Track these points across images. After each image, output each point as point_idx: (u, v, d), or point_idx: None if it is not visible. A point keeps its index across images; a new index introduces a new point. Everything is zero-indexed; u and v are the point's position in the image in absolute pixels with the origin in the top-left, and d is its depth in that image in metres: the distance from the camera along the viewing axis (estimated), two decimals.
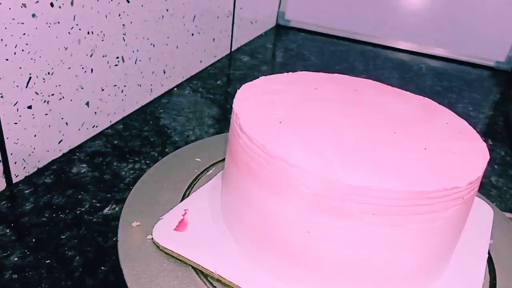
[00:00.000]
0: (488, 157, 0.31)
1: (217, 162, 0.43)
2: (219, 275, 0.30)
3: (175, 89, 0.76)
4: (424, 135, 0.32)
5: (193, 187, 0.39)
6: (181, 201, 0.37)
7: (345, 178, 0.26)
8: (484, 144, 0.32)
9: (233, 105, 0.33)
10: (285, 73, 0.40)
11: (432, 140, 0.32)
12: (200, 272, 0.31)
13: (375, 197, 0.26)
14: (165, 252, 0.32)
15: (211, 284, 0.30)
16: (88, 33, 0.54)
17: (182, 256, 0.31)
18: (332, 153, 0.28)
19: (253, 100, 0.34)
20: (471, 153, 0.31)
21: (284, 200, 0.28)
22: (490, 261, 0.35)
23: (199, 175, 0.41)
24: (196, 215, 0.35)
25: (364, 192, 0.26)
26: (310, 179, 0.27)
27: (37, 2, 0.46)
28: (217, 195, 0.37)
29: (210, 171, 0.42)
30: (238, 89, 0.36)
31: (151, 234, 0.33)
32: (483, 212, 0.39)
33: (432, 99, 0.39)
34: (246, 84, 0.37)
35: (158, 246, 0.32)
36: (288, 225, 0.29)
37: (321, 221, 0.28)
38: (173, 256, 0.32)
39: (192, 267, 0.31)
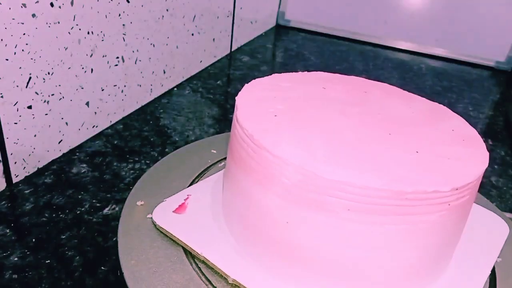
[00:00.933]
0: (486, 165, 0.30)
1: (225, 158, 0.44)
2: (204, 257, 0.31)
3: (175, 89, 0.76)
4: (420, 138, 0.32)
5: (202, 176, 0.41)
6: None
7: (322, 172, 0.27)
8: (487, 153, 0.31)
9: (236, 98, 0.34)
10: (299, 72, 0.40)
11: (427, 143, 0.31)
12: (189, 253, 0.32)
13: (350, 193, 0.26)
14: (161, 231, 0.34)
15: (197, 265, 0.32)
16: (88, 33, 0.54)
17: (174, 236, 0.33)
18: (318, 148, 0.29)
19: (256, 95, 0.35)
20: (468, 160, 0.30)
21: (267, 190, 0.29)
22: (493, 278, 0.34)
23: (211, 165, 0.42)
24: (197, 201, 0.36)
25: (340, 186, 0.26)
26: (290, 171, 0.27)
27: (37, 2, 0.46)
28: (220, 185, 0.38)
29: (223, 162, 0.43)
30: (239, 89, 0.36)
31: (151, 214, 0.35)
32: (497, 229, 0.38)
33: (432, 99, 0.39)
34: (255, 79, 0.37)
35: (155, 225, 0.34)
36: (270, 215, 0.30)
37: (299, 213, 0.28)
38: (167, 236, 0.33)
39: (183, 247, 0.33)
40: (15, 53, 0.45)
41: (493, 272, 0.34)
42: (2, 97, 0.45)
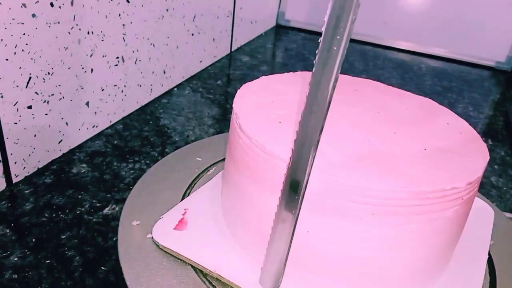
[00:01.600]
0: (488, 157, 0.31)
1: (217, 162, 0.43)
2: (218, 274, 0.30)
3: (175, 89, 0.76)
4: (424, 135, 0.32)
5: (193, 186, 0.39)
6: (181, 200, 0.37)
7: (344, 178, 0.26)
8: (484, 145, 0.32)
9: (233, 105, 0.33)
10: (285, 73, 0.40)
11: (432, 140, 0.32)
12: (200, 271, 0.31)
13: (374, 197, 0.26)
14: (165, 251, 0.32)
15: (210, 283, 0.30)
16: (88, 33, 0.54)
17: (182, 255, 0.31)
18: (331, 153, 0.28)
19: (253, 100, 0.34)
20: (471, 154, 0.31)
21: None
22: (490, 262, 0.35)
23: (199, 174, 0.41)
24: (196, 214, 0.35)
25: (363, 192, 0.26)
26: (310, 179, 0.27)
27: (37, 2, 0.46)
28: (218, 195, 0.37)
29: (211, 170, 0.42)
30: (238, 89, 0.36)
31: (151, 233, 0.33)
32: (484, 213, 0.39)
33: (432, 99, 0.39)
34: (247, 83, 0.37)
35: (158, 245, 0.32)
36: None
37: (320, 221, 0.28)
38: (173, 255, 0.32)
39: (192, 266, 0.31)
40: (15, 53, 0.45)
41: (489, 256, 0.35)
42: (2, 97, 0.45)
